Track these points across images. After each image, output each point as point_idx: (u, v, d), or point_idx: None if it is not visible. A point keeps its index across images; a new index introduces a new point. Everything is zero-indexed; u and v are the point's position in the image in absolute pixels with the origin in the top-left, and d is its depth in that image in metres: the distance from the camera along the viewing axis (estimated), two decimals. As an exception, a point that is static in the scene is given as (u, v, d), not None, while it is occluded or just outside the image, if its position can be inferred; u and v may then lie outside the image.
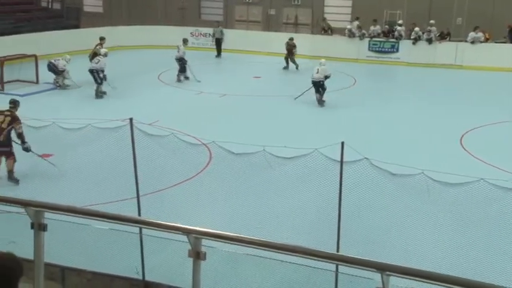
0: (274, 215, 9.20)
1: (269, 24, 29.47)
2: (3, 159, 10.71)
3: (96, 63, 17.47)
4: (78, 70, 18.45)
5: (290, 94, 18.06)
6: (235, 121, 15.30)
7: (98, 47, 19.32)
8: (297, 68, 22.63)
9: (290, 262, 5.20)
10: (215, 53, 25.85)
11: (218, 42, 26.01)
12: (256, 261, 5.80)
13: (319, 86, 17.08)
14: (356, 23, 26.02)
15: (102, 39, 19.70)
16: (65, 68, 18.49)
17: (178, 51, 19.95)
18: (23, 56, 19.09)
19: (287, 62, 22.87)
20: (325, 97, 17.20)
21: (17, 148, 10.80)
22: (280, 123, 15.24)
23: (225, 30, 26.58)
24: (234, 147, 10.21)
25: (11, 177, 10.63)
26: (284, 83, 21.23)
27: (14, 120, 10.78)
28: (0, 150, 10.65)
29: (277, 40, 25.02)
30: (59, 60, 18.55)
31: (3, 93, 17.32)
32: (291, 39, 23.03)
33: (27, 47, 19.90)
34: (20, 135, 10.79)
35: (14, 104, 11.24)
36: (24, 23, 25.09)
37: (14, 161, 10.69)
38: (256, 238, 3.77)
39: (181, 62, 19.91)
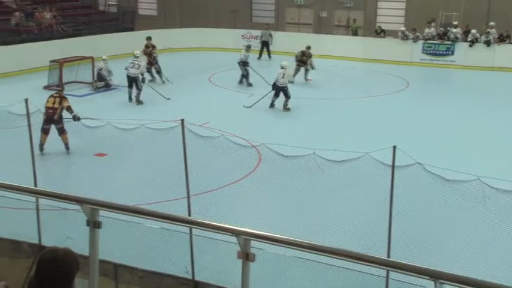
0: (324, 219, 9.12)
1: (320, 26, 29.32)
2: (45, 136, 12.36)
3: (137, 68, 17.32)
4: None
5: (341, 97, 17.91)
6: (285, 124, 15.29)
7: (153, 50, 19.66)
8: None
9: (339, 266, 5.14)
10: (257, 55, 25.34)
11: (265, 45, 25.95)
12: (305, 264, 5.77)
13: (283, 91, 16.56)
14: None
15: (149, 38, 20.01)
16: (102, 70, 18.77)
17: (241, 55, 19.98)
18: (81, 58, 19.66)
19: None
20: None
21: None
22: (330, 125, 15.13)
23: (274, 33, 26.56)
24: (283, 150, 10.22)
25: (68, 147, 12.46)
26: (334, 86, 21.06)
27: (62, 99, 12.68)
28: (56, 127, 12.42)
29: (328, 42, 24.87)
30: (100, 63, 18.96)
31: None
32: (308, 47, 21.51)
33: (85, 49, 20.48)
34: (69, 108, 12.63)
35: (59, 86, 13.58)
36: (83, 26, 25.87)
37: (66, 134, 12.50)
38: (306, 241, 3.74)
39: (244, 66, 19.85)
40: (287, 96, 16.51)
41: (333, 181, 10.47)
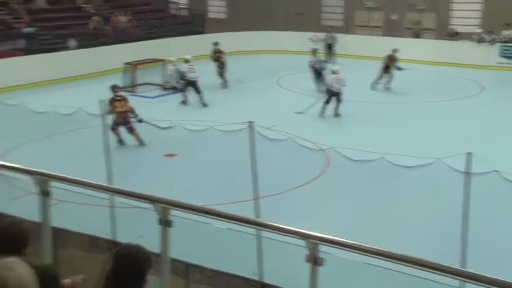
0: (393, 225, 8.94)
1: (391, 29, 28.75)
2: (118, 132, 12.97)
3: (195, 72, 17.46)
4: (204, 73, 19.11)
5: (412, 101, 17.49)
6: (354, 127, 15.08)
7: (221, 55, 19.83)
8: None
9: (410, 274, 5.02)
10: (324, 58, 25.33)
11: (329, 48, 25.70)
12: (374, 271, 5.67)
13: (337, 97, 16.03)
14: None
15: (216, 44, 20.23)
16: (172, 71, 19.06)
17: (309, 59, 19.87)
18: (153, 61, 20.21)
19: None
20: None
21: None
22: (400, 130, 14.79)
23: (342, 36, 26.23)
24: (352, 154, 10.09)
25: (142, 141, 13.08)
26: (406, 89, 20.56)
27: (125, 100, 13.20)
28: (126, 128, 13.03)
29: (399, 46, 24.29)
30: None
31: (135, 95, 18.47)
32: (395, 50, 20.85)
33: (157, 52, 21.04)
34: (133, 110, 13.12)
35: (117, 88, 13.75)
36: (155, 30, 26.60)
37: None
38: (375, 247, 3.67)
39: (314, 70, 19.70)
40: (339, 102, 16.11)
41: (404, 187, 10.25)
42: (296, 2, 30.12)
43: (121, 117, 12.81)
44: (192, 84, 17.37)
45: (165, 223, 4.10)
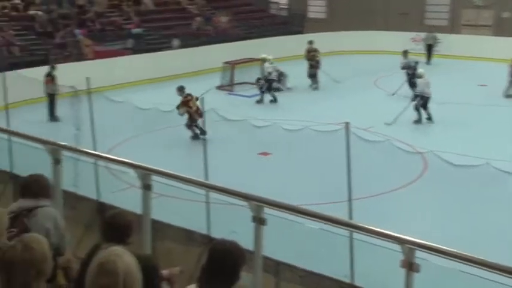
0: (497, 234, 8.48)
1: (502, 28, 27.23)
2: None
3: (277, 70, 17.83)
4: (299, 73, 19.18)
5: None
6: (455, 131, 14.45)
7: (316, 54, 19.69)
8: None
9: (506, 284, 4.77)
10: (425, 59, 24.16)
11: (429, 48, 24.70)
12: (472, 280, 5.44)
13: (427, 102, 15.17)
14: None
15: (311, 42, 20.12)
16: (271, 73, 18.70)
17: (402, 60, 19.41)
18: (251, 60, 20.51)
19: None
20: None
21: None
22: (508, 135, 13.96)
23: (447, 36, 25.18)
24: (452, 158, 9.71)
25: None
26: None
27: (193, 97, 13.56)
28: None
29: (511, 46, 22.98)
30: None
31: (233, 94, 18.91)
32: None
33: (255, 52, 21.33)
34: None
35: (182, 89, 14.02)
36: (254, 30, 27.00)
37: None
38: (475, 256, 3.52)
39: (407, 73, 19.09)
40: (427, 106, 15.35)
41: (507, 194, 9.72)
42: (399, 1, 29.36)
43: (198, 114, 12.99)
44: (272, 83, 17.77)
45: (259, 221, 4.16)
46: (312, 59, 19.89)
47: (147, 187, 4.66)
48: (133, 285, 2.24)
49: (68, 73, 15.38)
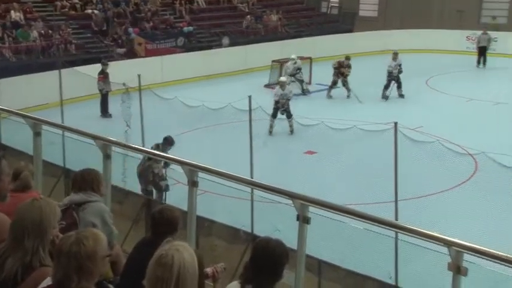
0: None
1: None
2: None
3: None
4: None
5: None
6: (509, 132, 14.00)
7: (348, 70, 18.17)
8: None
9: None
10: (475, 62, 23.05)
11: (481, 51, 23.01)
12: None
13: None
14: None
15: (348, 58, 18.33)
16: (294, 71, 18.48)
17: None
18: (300, 59, 20.42)
19: None
20: None
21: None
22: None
23: (505, 34, 24.30)
24: (505, 160, 9.42)
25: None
26: None
27: None
28: None
29: None
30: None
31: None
32: None
33: (303, 50, 21.26)
34: None
35: None
36: (304, 28, 26.91)
37: None
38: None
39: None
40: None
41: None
42: (454, -2, 28.59)
43: None
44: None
45: (303, 219, 4.15)
46: (343, 74, 18.27)
47: (193, 184, 4.72)
48: (187, 281, 2.30)
49: (121, 71, 15.77)
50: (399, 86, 17.93)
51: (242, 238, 6.73)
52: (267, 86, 19.57)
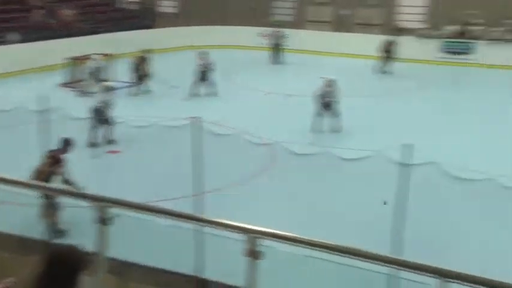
0: (335, 217, 9.03)
1: (340, 25, 29.04)
2: None
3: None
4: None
5: (365, 95, 17.76)
6: (302, 121, 15.07)
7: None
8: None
9: (347, 265, 5.13)
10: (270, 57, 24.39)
11: (276, 48, 24.45)
12: (314, 263, 5.75)
13: None
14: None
15: (147, 52, 18.38)
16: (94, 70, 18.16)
17: None
18: (101, 56, 19.70)
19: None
20: None
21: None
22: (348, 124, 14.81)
23: (290, 33, 25.72)
24: (298, 148, 10.17)
25: None
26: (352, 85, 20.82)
27: None
28: None
29: (349, 41, 24.55)
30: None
31: (76, 90, 17.99)
32: None
33: (103, 47, 20.59)
34: None
35: None
36: (102, 24, 25.99)
37: None
38: (314, 239, 3.69)
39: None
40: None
41: (345, 179, 10.40)
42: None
43: None
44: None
45: (103, 221, 4.00)
46: (144, 70, 18.10)
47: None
48: None
49: None
50: (209, 84, 18.17)
51: (35, 248, 6.27)
52: (64, 85, 18.57)
